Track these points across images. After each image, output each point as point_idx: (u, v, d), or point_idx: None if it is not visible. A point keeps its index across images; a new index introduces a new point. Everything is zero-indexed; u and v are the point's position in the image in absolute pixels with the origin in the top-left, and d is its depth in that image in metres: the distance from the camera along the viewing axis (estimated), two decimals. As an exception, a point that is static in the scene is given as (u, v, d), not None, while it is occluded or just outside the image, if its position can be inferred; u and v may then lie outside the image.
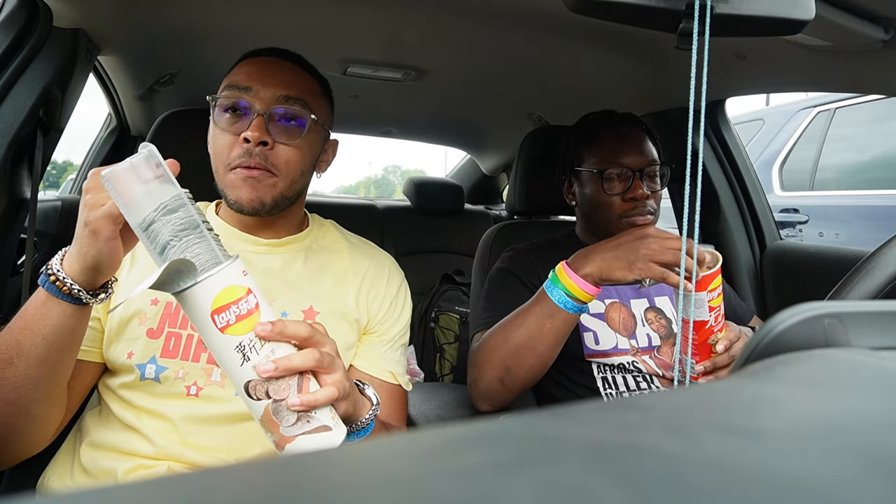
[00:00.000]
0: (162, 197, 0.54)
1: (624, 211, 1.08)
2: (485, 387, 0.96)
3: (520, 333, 0.92)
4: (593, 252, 0.89)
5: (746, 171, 1.59)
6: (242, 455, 0.77)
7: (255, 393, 0.55)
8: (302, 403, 0.55)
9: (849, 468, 0.16)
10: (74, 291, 0.62)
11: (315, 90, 0.87)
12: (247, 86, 0.80)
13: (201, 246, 0.54)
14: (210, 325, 0.53)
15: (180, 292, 0.53)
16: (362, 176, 37.41)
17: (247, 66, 0.84)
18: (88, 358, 0.79)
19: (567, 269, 0.90)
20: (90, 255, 0.60)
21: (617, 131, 1.11)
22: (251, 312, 0.55)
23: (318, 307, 0.84)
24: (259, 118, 0.78)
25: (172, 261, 0.51)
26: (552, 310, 0.90)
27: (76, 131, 1.35)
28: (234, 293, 0.54)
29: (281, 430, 0.56)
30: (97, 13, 1.12)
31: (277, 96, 0.80)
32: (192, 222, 0.54)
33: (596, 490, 0.14)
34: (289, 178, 0.81)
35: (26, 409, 0.68)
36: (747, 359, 0.28)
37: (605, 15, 0.55)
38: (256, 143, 0.77)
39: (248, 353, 0.54)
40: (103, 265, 0.61)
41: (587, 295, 0.88)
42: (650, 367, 1.07)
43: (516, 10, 1.16)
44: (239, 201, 0.79)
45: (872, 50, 0.95)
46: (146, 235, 0.54)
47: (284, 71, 0.83)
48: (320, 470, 0.17)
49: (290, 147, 0.81)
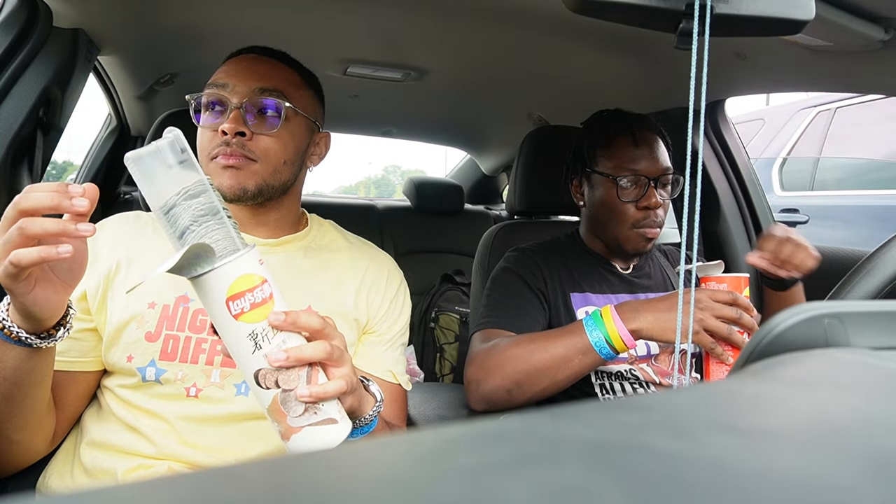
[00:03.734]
0: (184, 182, 0.54)
1: (637, 220, 1.08)
2: (488, 392, 0.96)
3: (543, 357, 0.91)
4: (646, 309, 0.88)
5: (746, 171, 1.59)
6: (242, 455, 0.77)
7: (264, 382, 0.55)
8: (311, 395, 0.55)
9: (849, 468, 0.16)
10: (23, 338, 0.61)
11: (295, 81, 0.87)
12: (224, 82, 0.82)
13: (220, 232, 0.54)
14: (224, 311, 0.53)
15: (197, 277, 0.53)
16: (362, 176, 37.40)
17: (226, 65, 0.85)
18: (80, 369, 0.79)
19: (615, 316, 0.89)
20: (17, 305, 0.58)
21: (635, 136, 1.09)
22: (265, 301, 0.55)
23: (317, 307, 0.84)
24: (235, 111, 0.79)
25: (192, 245, 0.51)
26: (586, 348, 0.89)
27: (76, 131, 1.35)
28: (251, 281, 0.54)
29: (288, 419, 0.56)
30: (97, 13, 1.12)
31: (253, 89, 0.81)
32: (213, 208, 0.54)
33: (596, 490, 0.14)
34: (270, 165, 0.82)
35: (5, 436, 0.69)
36: (747, 359, 0.28)
37: (605, 15, 0.55)
38: (233, 134, 0.79)
39: (261, 341, 0.54)
40: (35, 315, 0.59)
41: (625, 347, 0.88)
42: (648, 375, 1.07)
43: (516, 10, 1.16)
44: (220, 187, 0.80)
45: (872, 50, 0.95)
46: (167, 219, 0.54)
47: (261, 65, 0.85)
48: (320, 470, 0.17)
49: (268, 136, 0.81)
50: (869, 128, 3.13)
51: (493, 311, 1.08)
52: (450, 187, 2.49)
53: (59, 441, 0.80)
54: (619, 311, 0.90)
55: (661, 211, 1.08)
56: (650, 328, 0.87)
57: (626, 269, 1.18)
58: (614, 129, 1.11)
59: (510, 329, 1.04)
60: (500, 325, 1.05)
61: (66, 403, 0.78)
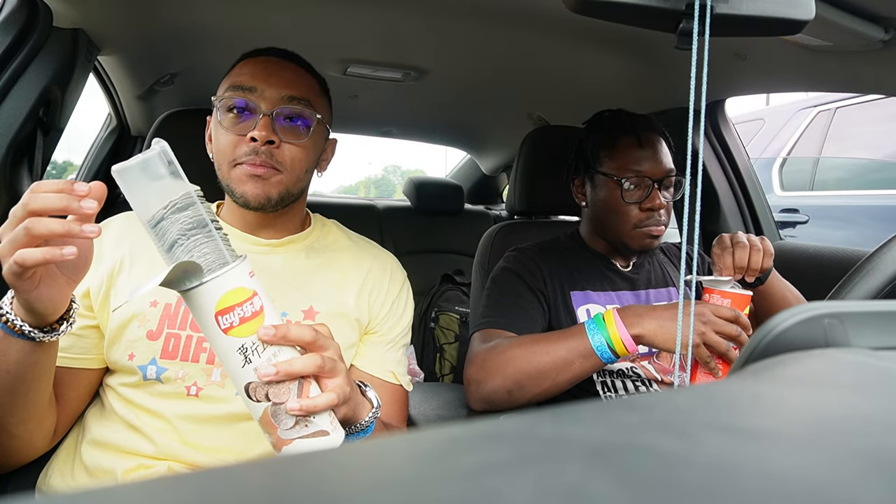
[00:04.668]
0: (171, 195, 0.53)
1: (639, 220, 1.08)
2: (489, 393, 0.96)
3: (544, 360, 0.91)
4: (651, 315, 0.88)
5: (746, 171, 1.59)
6: (243, 454, 0.77)
7: (255, 395, 0.55)
8: (301, 408, 0.55)
9: (849, 468, 0.16)
10: (26, 331, 0.61)
11: (316, 89, 0.87)
12: (251, 86, 0.81)
13: (209, 246, 0.54)
14: (214, 325, 0.53)
15: (186, 291, 0.53)
16: (362, 176, 37.36)
17: (249, 67, 0.84)
18: (82, 366, 0.79)
19: (618, 320, 0.88)
20: (21, 299, 0.59)
21: (639, 137, 1.09)
22: (255, 315, 0.55)
23: (319, 307, 0.84)
24: (265, 118, 0.79)
25: (178, 262, 0.51)
26: (587, 351, 0.89)
27: (76, 131, 1.35)
28: (240, 295, 0.54)
29: (279, 432, 0.56)
30: (97, 13, 1.12)
31: (283, 96, 0.81)
32: (201, 221, 0.54)
33: (596, 490, 0.14)
34: (294, 175, 0.82)
35: (6, 430, 0.69)
36: (747, 359, 0.28)
37: (605, 15, 0.55)
38: (263, 142, 0.78)
39: (251, 355, 0.54)
40: (38, 310, 0.59)
41: (627, 352, 0.88)
42: (649, 373, 1.08)
43: (516, 10, 1.16)
44: (245, 196, 0.80)
45: (872, 50, 0.95)
46: (154, 232, 0.54)
47: (288, 71, 0.84)
48: (320, 470, 0.17)
49: (295, 146, 0.81)
50: (869, 128, 3.12)
51: (493, 311, 1.08)
52: (450, 187, 2.49)
53: (59, 438, 0.80)
54: (622, 315, 0.89)
55: (664, 212, 1.08)
56: (653, 335, 0.86)
57: (626, 267, 1.18)
58: (618, 129, 1.11)
59: (510, 329, 1.04)
60: (501, 325, 1.05)
61: (68, 400, 0.78)
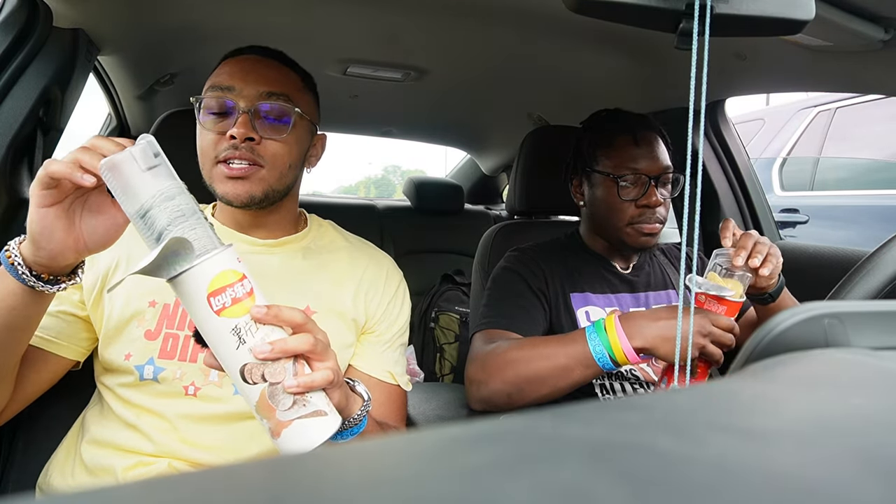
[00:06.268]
0: (160, 185, 0.54)
1: (633, 217, 1.08)
2: (488, 394, 0.96)
3: (544, 365, 0.91)
4: (652, 326, 0.86)
5: (746, 171, 1.59)
6: (241, 453, 0.77)
7: (250, 377, 0.55)
8: (299, 385, 0.55)
9: (848, 468, 0.16)
10: (20, 271, 0.61)
11: (298, 85, 0.87)
12: (229, 85, 0.81)
13: (199, 231, 0.54)
14: (206, 307, 0.53)
15: (176, 276, 0.53)
16: (362, 176, 37.42)
17: (228, 66, 0.84)
18: (53, 350, 0.78)
19: (619, 329, 0.87)
20: (29, 222, 0.59)
21: (635, 135, 1.09)
22: (247, 296, 0.55)
23: (315, 307, 0.84)
24: (244, 115, 0.79)
25: (171, 239, 0.51)
26: (588, 360, 0.88)
27: (76, 132, 1.35)
28: (230, 276, 0.54)
29: (277, 414, 0.56)
30: (97, 13, 1.12)
31: (261, 93, 0.81)
32: (190, 209, 0.55)
33: (596, 490, 0.14)
34: (276, 170, 0.82)
35: None
36: (747, 359, 0.28)
37: (605, 15, 0.55)
38: (242, 139, 0.78)
39: (245, 335, 0.54)
40: (36, 235, 0.59)
41: (627, 361, 0.87)
42: (648, 375, 1.08)
43: (516, 10, 1.16)
44: (226, 195, 0.80)
45: (872, 50, 0.95)
46: (143, 223, 0.54)
47: (266, 67, 0.84)
48: (320, 470, 0.17)
49: (276, 142, 0.81)
50: (869, 128, 3.12)
51: (493, 312, 1.08)
52: (450, 187, 2.49)
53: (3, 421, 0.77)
54: (623, 325, 0.87)
55: (661, 209, 1.08)
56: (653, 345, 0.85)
57: (626, 269, 1.18)
58: (615, 128, 1.12)
59: (511, 329, 1.04)
60: (501, 326, 1.05)
61: (27, 382, 0.77)
